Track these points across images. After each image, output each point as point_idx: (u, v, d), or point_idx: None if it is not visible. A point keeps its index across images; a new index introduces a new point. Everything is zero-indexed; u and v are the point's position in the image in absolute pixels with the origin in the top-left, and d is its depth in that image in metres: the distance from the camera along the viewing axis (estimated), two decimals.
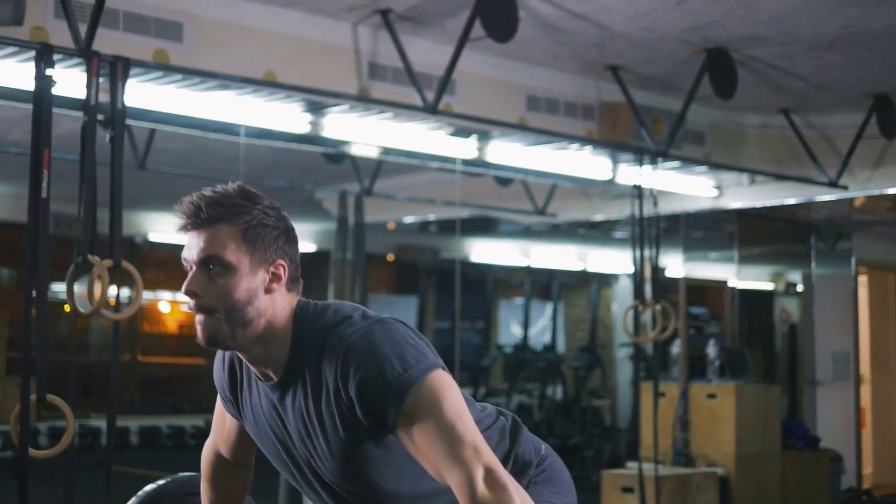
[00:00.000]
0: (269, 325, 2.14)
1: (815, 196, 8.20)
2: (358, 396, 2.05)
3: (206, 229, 2.12)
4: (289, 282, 2.18)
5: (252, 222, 2.12)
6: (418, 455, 2.04)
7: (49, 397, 4.38)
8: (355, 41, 5.99)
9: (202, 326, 2.13)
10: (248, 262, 2.11)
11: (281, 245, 2.16)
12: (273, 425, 2.26)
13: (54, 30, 4.91)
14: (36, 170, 4.36)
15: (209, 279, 2.11)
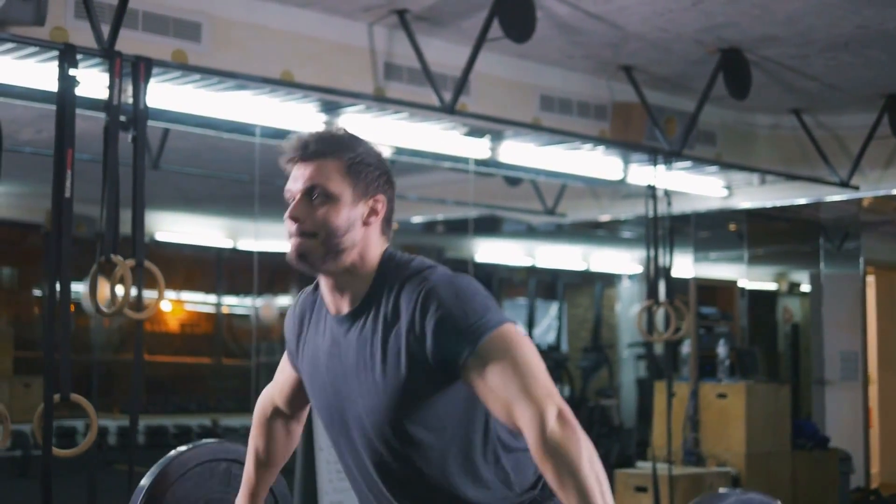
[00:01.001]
0: (360, 258, 2.26)
1: (826, 196, 8.21)
2: (434, 332, 2.13)
3: (312, 162, 2.25)
4: (384, 221, 2.30)
5: (356, 158, 2.26)
6: (487, 394, 2.08)
7: (72, 396, 4.38)
8: (371, 41, 6.01)
9: (296, 246, 2.24)
10: (349, 193, 2.24)
11: (381, 184, 2.29)
12: (329, 362, 2.33)
13: (74, 30, 4.92)
14: (59, 169, 4.38)
15: (312, 207, 2.23)
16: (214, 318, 13.08)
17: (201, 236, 11.31)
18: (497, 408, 2.08)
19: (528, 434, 2.01)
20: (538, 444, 1.99)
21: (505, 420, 2.07)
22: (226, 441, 2.91)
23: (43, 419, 4.34)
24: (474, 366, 2.09)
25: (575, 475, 1.95)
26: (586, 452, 1.98)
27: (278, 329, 13.46)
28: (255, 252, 7.49)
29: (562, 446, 1.97)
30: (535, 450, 1.99)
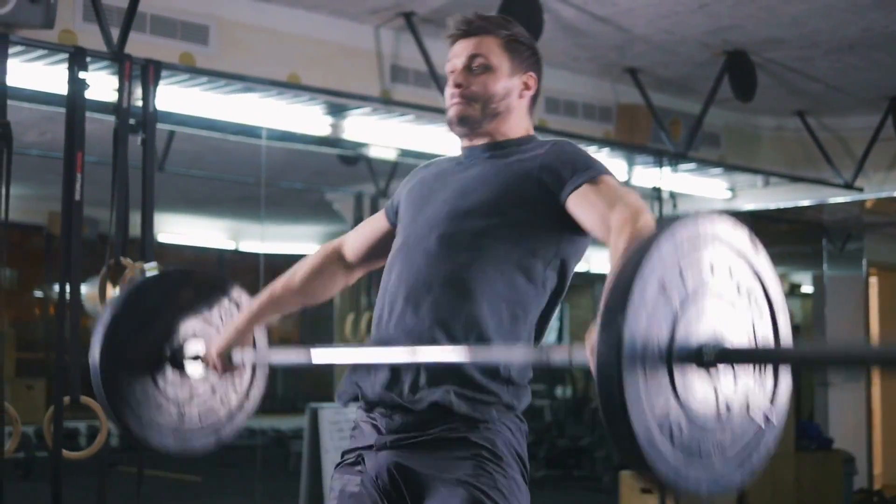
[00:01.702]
0: (511, 126, 2.46)
1: (830, 198, 8.22)
2: (554, 154, 2.37)
3: (474, 38, 2.45)
4: (532, 99, 2.52)
5: (512, 36, 2.47)
6: (585, 206, 2.27)
7: (82, 399, 4.39)
8: (378, 44, 6.02)
9: (458, 107, 2.45)
10: (507, 66, 2.45)
11: (533, 63, 2.51)
12: (446, 179, 2.48)
13: (83, 33, 4.93)
14: (69, 172, 4.39)
15: (473, 75, 2.44)
16: None
17: (204, 238, 11.31)
18: (592, 217, 2.25)
19: (619, 223, 2.14)
20: (627, 229, 2.11)
21: (598, 226, 2.23)
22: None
23: (53, 422, 4.35)
24: (579, 186, 2.29)
25: None
26: None
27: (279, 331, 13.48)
28: (261, 254, 7.50)
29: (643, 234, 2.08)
30: (622, 232, 2.12)
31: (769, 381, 1.93)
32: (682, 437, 1.77)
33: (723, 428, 1.84)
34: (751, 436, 1.89)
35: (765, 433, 1.91)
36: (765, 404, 1.91)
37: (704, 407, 1.81)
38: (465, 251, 2.32)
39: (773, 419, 1.93)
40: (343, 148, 7.09)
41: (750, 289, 1.94)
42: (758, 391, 1.90)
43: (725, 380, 1.84)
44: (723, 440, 1.84)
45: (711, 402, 1.82)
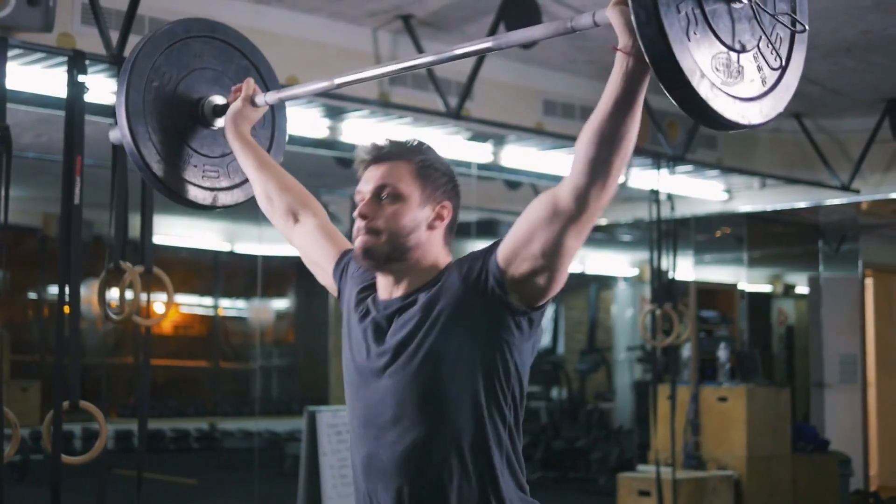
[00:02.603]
0: (422, 260, 2.31)
1: (827, 200, 8.23)
2: (458, 271, 2.24)
3: (384, 164, 2.32)
4: (448, 229, 2.36)
5: (426, 162, 2.33)
6: (522, 230, 2.15)
7: (81, 403, 4.37)
8: (376, 46, 6.01)
9: (362, 241, 2.30)
10: (418, 195, 2.31)
11: (448, 190, 2.36)
12: (366, 342, 2.32)
13: (81, 36, 4.92)
14: (68, 176, 4.37)
15: (381, 206, 2.30)
16: (212, 321, 13.07)
17: (201, 240, 11.29)
18: (535, 206, 2.14)
19: (564, 187, 2.09)
20: (572, 163, 2.08)
21: (547, 199, 2.12)
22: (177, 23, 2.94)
23: (53, 426, 4.33)
24: (500, 249, 2.18)
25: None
26: None
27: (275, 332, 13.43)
28: (258, 256, 7.49)
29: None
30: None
31: None
32: (727, 70, 1.90)
33: (765, 54, 1.99)
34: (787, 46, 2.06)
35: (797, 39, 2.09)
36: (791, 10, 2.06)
37: (745, 38, 1.95)
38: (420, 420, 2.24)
39: (804, 24, 2.10)
40: (340, 150, 7.08)
41: None
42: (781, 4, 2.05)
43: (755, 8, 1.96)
44: (762, 72, 1.99)
45: (747, 34, 1.95)
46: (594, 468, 10.45)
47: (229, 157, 2.89)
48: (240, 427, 11.98)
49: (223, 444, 11.84)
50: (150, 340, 4.75)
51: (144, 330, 4.71)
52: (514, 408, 2.27)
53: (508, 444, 2.27)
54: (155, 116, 2.80)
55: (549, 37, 2.20)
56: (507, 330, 2.20)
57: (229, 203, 2.96)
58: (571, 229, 2.11)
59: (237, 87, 2.86)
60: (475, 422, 2.21)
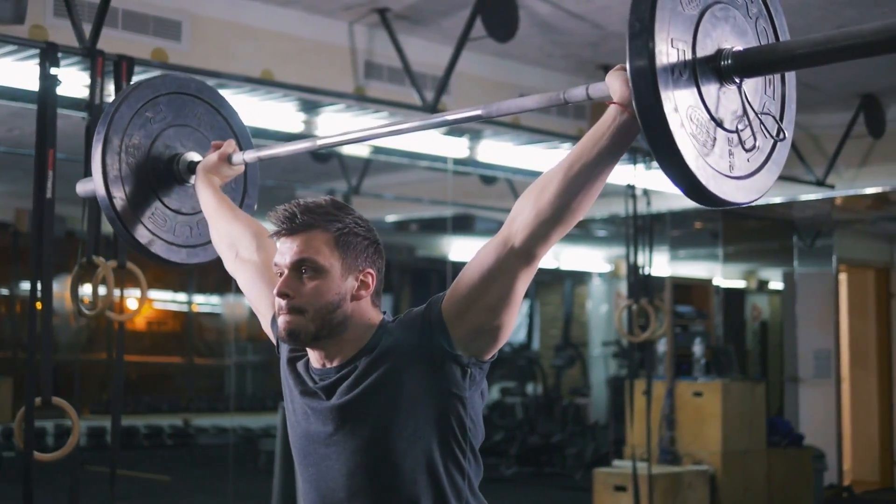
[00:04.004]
0: (353, 331, 2.19)
1: (802, 195, 8.25)
2: (402, 331, 2.16)
3: (300, 235, 2.17)
4: (374, 294, 2.23)
5: (344, 230, 2.19)
6: (471, 283, 2.09)
7: (54, 399, 4.33)
8: (352, 40, 5.98)
9: (287, 323, 2.16)
10: (339, 267, 2.17)
11: (370, 255, 2.22)
12: (309, 412, 2.24)
13: (54, 28, 4.87)
14: (41, 169, 4.32)
15: (301, 282, 2.16)
16: (185, 317, 13.01)
17: None
18: (487, 265, 2.08)
19: (518, 233, 2.04)
20: (532, 205, 2.03)
21: (500, 238, 2.07)
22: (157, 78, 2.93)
23: (25, 422, 4.28)
24: (447, 298, 2.13)
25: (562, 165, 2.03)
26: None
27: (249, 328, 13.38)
28: None
29: (543, 179, 2.04)
30: (535, 202, 2.03)
31: (778, 92, 2.10)
32: (711, 148, 1.93)
33: (744, 139, 2.01)
34: (768, 149, 2.06)
35: (778, 146, 2.08)
36: (776, 115, 2.09)
37: (728, 118, 1.97)
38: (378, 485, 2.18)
39: (785, 132, 2.10)
40: None
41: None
42: (769, 106, 2.08)
43: (742, 94, 1.98)
44: (744, 151, 2.01)
45: (733, 113, 1.98)
46: (570, 463, 10.46)
47: (202, 213, 2.83)
48: (214, 423, 11.93)
49: (197, 440, 11.79)
50: (123, 336, 4.71)
51: (117, 325, 4.68)
52: (473, 458, 2.20)
53: (467, 492, 2.20)
54: (131, 180, 2.77)
55: (543, 107, 2.21)
56: (456, 385, 2.13)
57: (203, 261, 2.93)
58: (523, 274, 2.08)
59: (217, 143, 2.81)
60: (433, 486, 2.15)
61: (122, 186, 2.75)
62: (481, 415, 2.22)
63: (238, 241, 2.60)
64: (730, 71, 1.95)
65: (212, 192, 2.73)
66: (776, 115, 2.09)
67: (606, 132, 1.98)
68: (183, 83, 2.93)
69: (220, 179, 2.79)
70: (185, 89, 2.92)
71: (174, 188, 2.86)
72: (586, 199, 2.03)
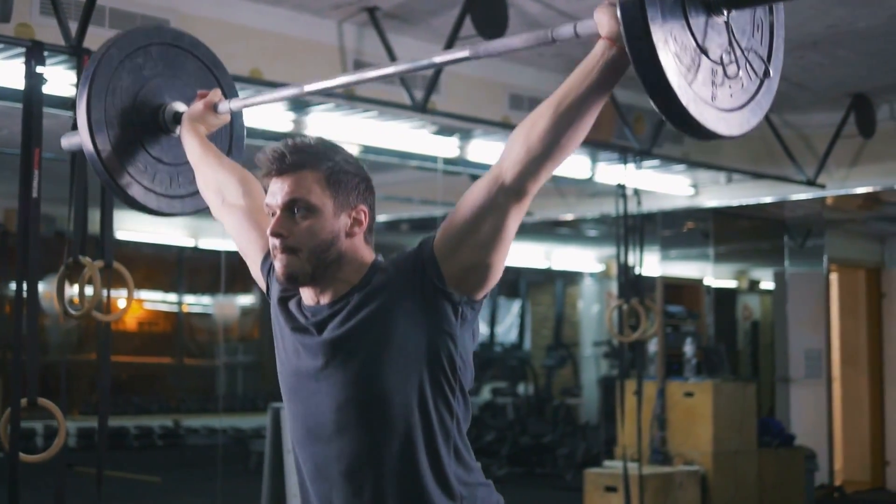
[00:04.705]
0: (346, 269, 2.20)
1: (793, 195, 8.24)
2: (396, 271, 2.17)
3: (290, 175, 2.18)
4: (367, 231, 2.25)
5: (335, 168, 2.19)
6: (463, 220, 2.11)
7: (40, 400, 4.29)
8: (341, 39, 5.95)
9: (283, 265, 2.19)
10: (331, 205, 2.18)
11: (362, 192, 2.23)
12: (300, 347, 2.25)
13: (40, 26, 4.84)
14: (26, 169, 4.29)
15: (294, 221, 2.17)
16: (176, 317, 12.97)
17: (162, 235, 11.19)
18: (478, 186, 2.12)
19: (509, 169, 2.08)
20: (523, 142, 2.08)
21: (490, 177, 2.11)
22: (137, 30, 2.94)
23: (10, 424, 4.25)
24: (438, 235, 2.14)
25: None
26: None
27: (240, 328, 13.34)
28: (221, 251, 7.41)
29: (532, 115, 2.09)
30: (527, 135, 2.08)
31: (766, 38, 2.12)
32: (695, 74, 1.95)
33: (729, 73, 2.02)
34: (753, 89, 2.07)
35: (765, 84, 2.10)
36: (764, 56, 2.10)
37: (714, 49, 1.98)
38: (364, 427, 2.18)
39: (771, 71, 2.10)
40: None
41: None
42: (757, 48, 2.09)
43: (730, 29, 2.00)
44: (731, 88, 2.03)
45: (720, 46, 1.99)
46: (561, 464, 10.44)
47: (186, 163, 2.83)
48: (204, 424, 11.88)
49: (187, 441, 11.74)
50: (109, 336, 4.68)
51: (104, 326, 4.64)
52: (462, 398, 2.21)
53: (456, 434, 2.21)
54: (115, 123, 2.78)
55: (530, 47, 2.20)
56: (447, 322, 2.14)
57: (188, 211, 2.94)
58: (514, 210, 2.12)
59: (203, 92, 2.83)
60: (422, 423, 2.16)
61: (105, 129, 2.76)
62: (471, 356, 2.23)
63: (224, 187, 2.61)
64: (718, 2, 1.96)
65: (198, 140, 2.74)
66: (763, 56, 2.11)
67: (595, 67, 2.00)
68: (177, 36, 2.95)
69: (206, 129, 2.80)
70: (178, 42, 2.94)
71: (159, 137, 2.87)
72: (575, 135, 2.07)
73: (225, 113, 2.81)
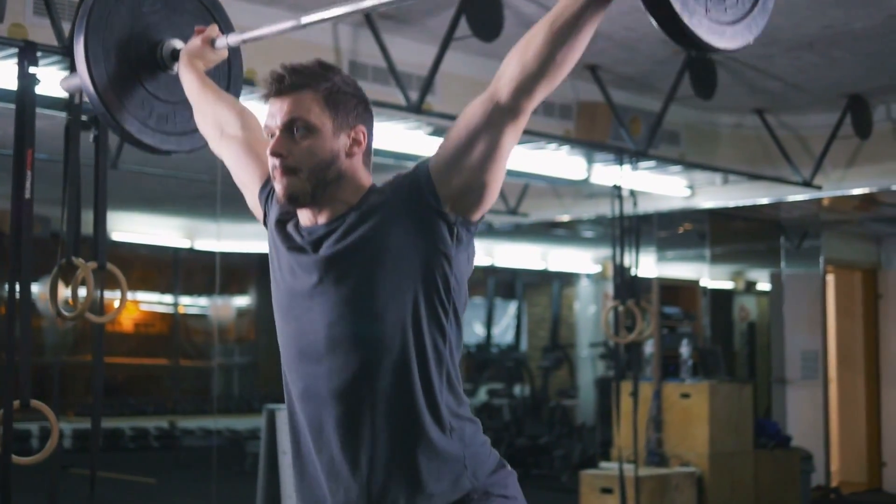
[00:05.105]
0: (345, 190, 2.22)
1: (789, 196, 8.23)
2: (393, 191, 2.19)
3: (289, 95, 2.22)
4: (366, 153, 2.27)
5: (333, 88, 2.23)
6: (458, 137, 2.15)
7: (32, 402, 4.27)
8: (336, 40, 5.94)
9: (284, 185, 2.20)
10: (330, 125, 2.21)
11: (360, 113, 2.26)
12: (295, 266, 2.25)
13: (34, 27, 4.83)
14: (19, 170, 4.27)
15: (294, 141, 2.19)
16: (172, 318, 12.95)
17: (158, 236, 11.18)
18: (474, 105, 2.15)
19: (504, 86, 2.10)
20: (518, 60, 2.09)
21: (486, 96, 2.12)
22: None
23: (3, 425, 4.23)
24: (434, 156, 2.17)
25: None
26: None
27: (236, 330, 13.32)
28: (216, 252, 7.40)
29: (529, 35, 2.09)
30: (522, 56, 2.09)
31: None
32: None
33: None
34: (748, 6, 2.14)
35: (758, 8, 2.17)
36: None
37: None
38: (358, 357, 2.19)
39: None
40: None
41: None
42: None
43: None
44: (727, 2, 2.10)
45: None
46: (557, 465, 10.43)
47: (184, 102, 2.84)
48: (200, 425, 11.87)
49: (183, 442, 11.73)
50: (102, 337, 4.66)
51: (97, 327, 4.62)
52: (455, 322, 2.22)
53: (448, 361, 2.21)
54: (113, 58, 2.80)
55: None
56: (443, 242, 2.15)
57: (183, 148, 2.96)
58: (510, 129, 2.13)
59: (200, 28, 2.85)
60: (416, 343, 2.16)
61: (102, 63, 2.76)
62: (467, 281, 2.24)
63: (223, 120, 2.63)
64: None
65: (196, 75, 2.75)
66: None
67: None
68: None
69: (205, 64, 2.81)
70: None
71: (157, 74, 2.88)
72: (571, 53, 2.08)
73: (222, 48, 2.83)
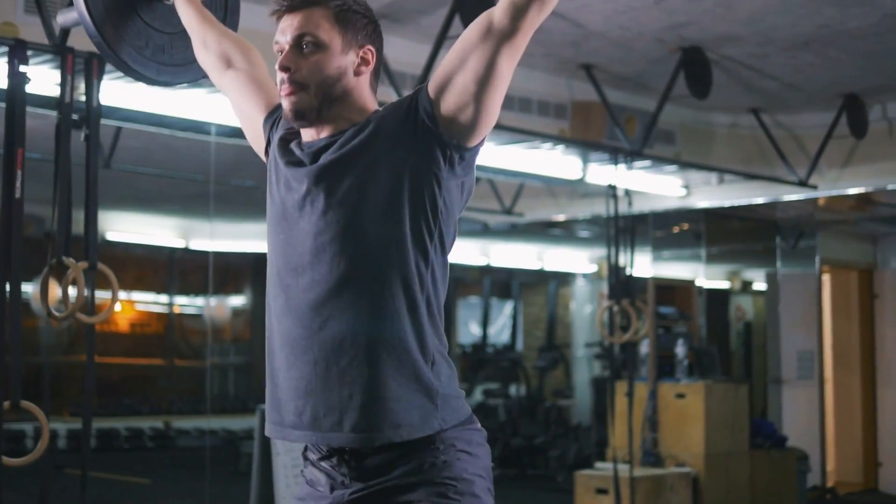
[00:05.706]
0: (350, 108, 2.23)
1: (785, 195, 8.21)
2: (392, 113, 2.19)
3: (299, 11, 2.22)
4: (374, 74, 2.29)
5: (343, 6, 2.23)
6: (455, 55, 2.15)
7: (23, 403, 4.25)
8: None
9: (291, 101, 2.21)
10: (339, 41, 2.21)
11: (370, 32, 2.27)
12: (291, 177, 2.26)
13: (24, 25, 4.80)
14: (9, 169, 4.25)
15: (302, 56, 2.20)
16: (166, 318, 12.93)
17: (153, 236, 11.15)
18: (469, 37, 2.14)
19: (499, 7, 2.11)
20: None
21: (481, 23, 2.13)
22: None
23: None
24: (434, 79, 2.17)
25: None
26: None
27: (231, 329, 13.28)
28: (210, 252, 7.38)
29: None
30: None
31: None
32: None
33: None
34: None
35: None
36: None
37: None
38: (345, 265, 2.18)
39: None
40: None
41: None
42: None
43: None
44: None
45: None
46: (552, 465, 10.41)
47: (180, 33, 2.81)
48: (195, 425, 11.85)
49: (178, 442, 11.70)
50: (93, 337, 4.64)
51: (89, 327, 4.60)
52: (440, 249, 2.21)
53: (430, 287, 2.20)
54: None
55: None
56: (435, 163, 2.16)
57: (177, 81, 2.93)
58: (505, 49, 2.13)
59: None
60: (399, 263, 2.14)
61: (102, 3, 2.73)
62: (457, 212, 2.24)
63: (230, 53, 2.61)
64: None
65: (194, 6, 2.72)
66: None
67: None
68: None
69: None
70: None
71: (152, 3, 2.83)
72: None
73: None
